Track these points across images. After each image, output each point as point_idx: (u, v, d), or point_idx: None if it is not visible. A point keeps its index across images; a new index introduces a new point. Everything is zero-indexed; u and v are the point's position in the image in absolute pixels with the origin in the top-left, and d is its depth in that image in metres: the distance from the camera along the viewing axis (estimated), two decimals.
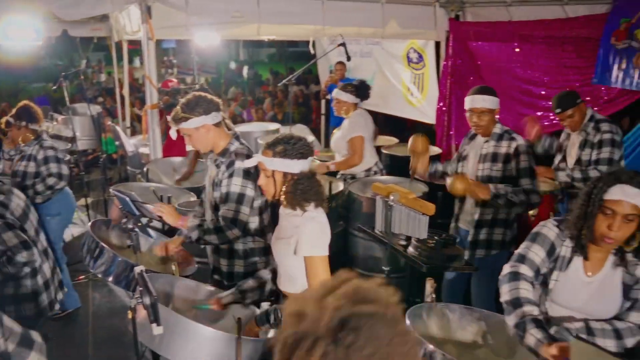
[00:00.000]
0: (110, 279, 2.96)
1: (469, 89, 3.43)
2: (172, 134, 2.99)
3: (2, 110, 9.71)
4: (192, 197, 4.40)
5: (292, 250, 2.28)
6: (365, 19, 5.90)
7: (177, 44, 19.28)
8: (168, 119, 3.06)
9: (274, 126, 6.79)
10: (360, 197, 4.33)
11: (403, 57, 7.23)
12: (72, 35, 8.27)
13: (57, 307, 3.18)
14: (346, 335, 0.94)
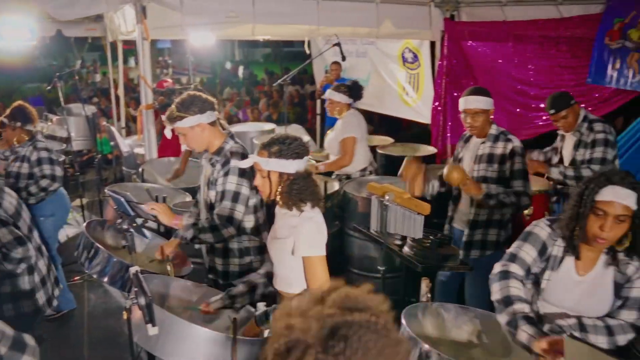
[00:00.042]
0: (106, 280, 2.96)
1: (464, 89, 3.43)
2: (167, 133, 2.99)
3: None
4: (188, 198, 4.39)
5: (290, 251, 2.29)
6: (360, 18, 5.91)
7: (172, 44, 19.28)
8: (163, 119, 3.05)
9: (269, 126, 6.80)
10: (356, 196, 4.33)
11: (398, 57, 7.25)
12: (67, 35, 8.27)
13: (55, 304, 3.19)
14: (336, 344, 0.93)
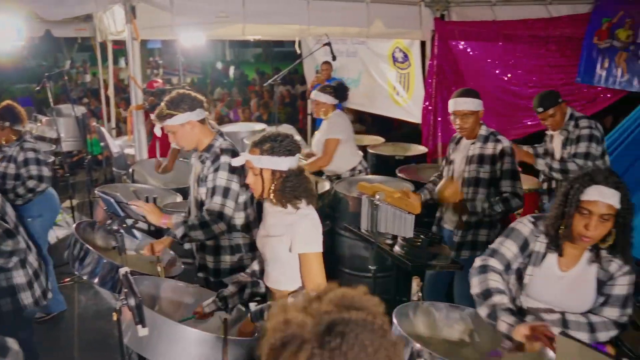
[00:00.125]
0: (96, 281, 2.95)
1: (454, 89, 3.44)
2: (157, 131, 2.97)
3: None
4: (178, 198, 4.38)
5: (286, 248, 2.28)
6: (350, 18, 5.92)
7: (163, 45, 19.14)
8: (152, 118, 3.04)
9: (260, 126, 6.77)
10: (346, 196, 4.33)
11: (389, 56, 7.26)
12: (56, 35, 8.19)
13: (50, 296, 3.22)
14: (333, 340, 0.94)
